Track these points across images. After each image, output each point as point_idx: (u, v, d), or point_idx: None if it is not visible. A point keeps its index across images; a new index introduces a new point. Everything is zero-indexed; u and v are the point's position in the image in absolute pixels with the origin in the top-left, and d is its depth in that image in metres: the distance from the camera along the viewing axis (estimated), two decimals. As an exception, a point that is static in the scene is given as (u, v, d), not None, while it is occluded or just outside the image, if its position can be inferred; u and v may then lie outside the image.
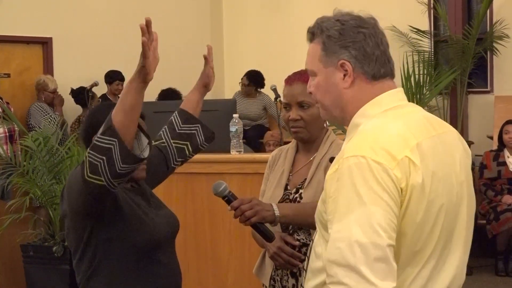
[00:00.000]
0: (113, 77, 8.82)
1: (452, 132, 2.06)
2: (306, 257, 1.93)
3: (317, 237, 2.00)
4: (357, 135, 1.91)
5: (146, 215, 2.69)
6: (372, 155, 1.81)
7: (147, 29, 2.31)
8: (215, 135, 3.02)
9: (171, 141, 2.93)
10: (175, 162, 2.96)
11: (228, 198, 2.72)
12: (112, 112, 2.39)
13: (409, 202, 1.83)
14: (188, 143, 2.95)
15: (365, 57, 1.96)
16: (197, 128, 2.95)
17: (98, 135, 2.39)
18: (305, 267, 2.07)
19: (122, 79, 8.83)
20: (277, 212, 2.73)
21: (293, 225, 2.90)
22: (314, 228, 2.72)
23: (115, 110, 2.39)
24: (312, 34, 2.03)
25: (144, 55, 2.33)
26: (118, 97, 8.72)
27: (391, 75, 2.01)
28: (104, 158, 2.36)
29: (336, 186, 1.83)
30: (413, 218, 1.84)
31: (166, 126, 2.97)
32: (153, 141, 2.95)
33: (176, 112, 2.98)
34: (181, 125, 2.94)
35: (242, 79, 9.59)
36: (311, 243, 1.93)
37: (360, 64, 1.96)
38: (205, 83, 2.96)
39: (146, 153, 2.46)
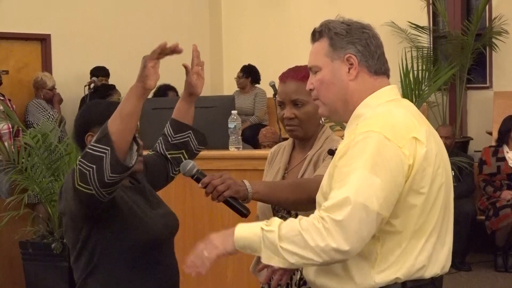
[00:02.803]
0: (97, 75, 8.75)
1: None
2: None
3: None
4: (367, 119, 2.10)
5: (144, 214, 2.68)
6: (385, 132, 2.02)
7: (174, 50, 2.39)
8: (206, 137, 3.00)
9: (167, 153, 2.93)
10: (173, 172, 2.96)
11: (197, 177, 2.63)
12: (109, 120, 2.37)
13: (415, 177, 2.03)
14: (183, 151, 2.94)
15: (369, 53, 2.17)
16: (189, 134, 2.94)
17: (92, 143, 2.38)
18: None
19: (107, 74, 8.84)
20: (249, 188, 2.62)
21: (268, 203, 2.81)
22: (290, 207, 2.74)
23: (112, 117, 2.37)
24: (319, 33, 2.22)
25: (152, 55, 2.35)
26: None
27: (388, 75, 2.24)
28: (94, 167, 2.35)
29: (348, 155, 2.02)
30: (420, 191, 2.04)
31: (161, 138, 2.96)
32: (151, 151, 2.95)
33: (168, 122, 2.97)
34: (174, 136, 2.93)
35: (237, 74, 9.58)
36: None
37: (365, 59, 2.16)
38: (190, 92, 2.92)
39: (133, 161, 2.45)
